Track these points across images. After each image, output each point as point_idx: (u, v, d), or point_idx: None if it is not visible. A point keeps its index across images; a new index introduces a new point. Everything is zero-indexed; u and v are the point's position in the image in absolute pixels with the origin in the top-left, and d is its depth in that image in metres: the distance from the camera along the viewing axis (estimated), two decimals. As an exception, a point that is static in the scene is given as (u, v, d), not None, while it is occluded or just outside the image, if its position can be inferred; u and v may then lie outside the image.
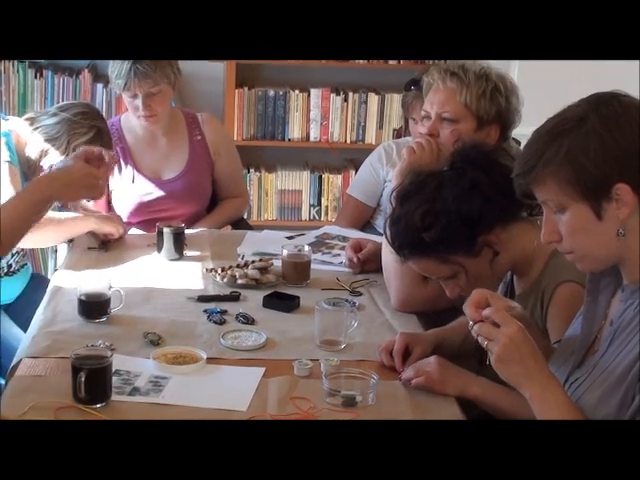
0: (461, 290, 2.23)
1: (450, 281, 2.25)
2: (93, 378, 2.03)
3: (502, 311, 1.74)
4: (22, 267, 3.22)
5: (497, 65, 2.75)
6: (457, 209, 2.14)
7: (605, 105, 1.69)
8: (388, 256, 2.64)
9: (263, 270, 2.79)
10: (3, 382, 2.78)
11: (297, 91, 4.61)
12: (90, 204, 3.36)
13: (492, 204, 2.08)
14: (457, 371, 2.15)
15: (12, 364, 2.31)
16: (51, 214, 2.83)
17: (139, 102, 3.30)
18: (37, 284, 3.21)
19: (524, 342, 1.72)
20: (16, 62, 4.37)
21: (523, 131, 2.43)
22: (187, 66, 3.56)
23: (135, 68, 3.24)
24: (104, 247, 3.04)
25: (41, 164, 3.00)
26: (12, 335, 2.96)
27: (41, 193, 2.54)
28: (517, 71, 4.30)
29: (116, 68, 3.29)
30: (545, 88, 3.76)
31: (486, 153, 2.25)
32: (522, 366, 1.71)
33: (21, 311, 3.05)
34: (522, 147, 1.84)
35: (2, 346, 2.84)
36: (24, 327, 2.93)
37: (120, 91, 3.33)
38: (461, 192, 2.14)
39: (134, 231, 3.29)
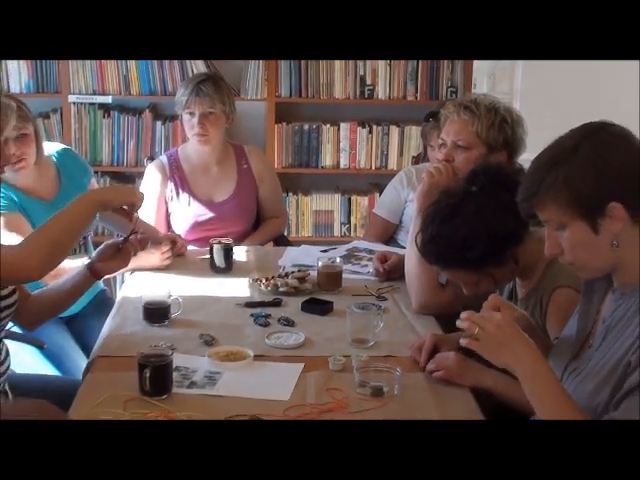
0: (478, 290, 2.23)
1: (472, 285, 2.24)
2: (156, 374, 2.04)
3: (488, 309, 1.79)
4: None
5: (504, 99, 2.75)
6: (495, 230, 2.13)
7: (595, 134, 1.69)
8: (410, 266, 2.64)
9: (301, 279, 2.80)
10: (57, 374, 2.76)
11: (328, 125, 4.62)
12: (151, 222, 3.38)
13: (521, 222, 2.06)
14: (473, 365, 2.14)
15: (88, 362, 2.33)
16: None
17: (195, 120, 3.31)
18: (102, 303, 3.09)
19: (509, 327, 1.73)
20: (87, 104, 4.41)
21: (528, 157, 2.43)
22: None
23: (198, 89, 3.29)
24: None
25: None
26: (71, 346, 2.92)
27: (90, 200, 2.22)
28: (519, 104, 4.30)
29: (182, 89, 3.35)
30: (544, 119, 3.73)
31: (510, 175, 2.21)
32: (510, 349, 1.71)
33: (80, 330, 2.97)
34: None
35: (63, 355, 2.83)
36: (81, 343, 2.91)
37: (182, 110, 3.34)
38: (498, 215, 2.12)
39: (190, 248, 3.31)
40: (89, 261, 2.35)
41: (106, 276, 2.45)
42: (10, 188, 2.87)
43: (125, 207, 2.29)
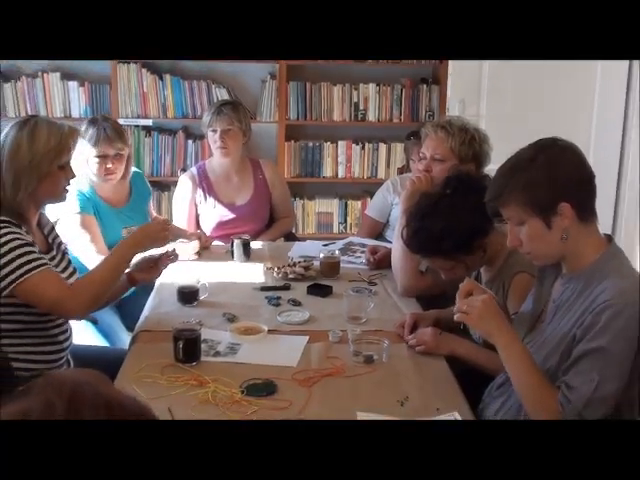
0: (454, 275, 2.22)
1: (448, 270, 2.23)
2: (188, 345, 2.05)
3: (463, 291, 1.78)
4: None
5: (472, 120, 2.75)
6: (465, 224, 2.12)
7: (548, 147, 1.69)
8: (396, 257, 2.64)
9: (307, 268, 2.79)
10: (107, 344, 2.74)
11: (329, 143, 4.61)
12: (184, 222, 3.38)
13: (487, 218, 2.05)
14: (448, 337, 2.14)
15: (132, 335, 2.33)
16: None
17: (217, 136, 3.30)
18: (147, 287, 2.89)
19: (495, 305, 1.73)
20: (133, 126, 4.40)
21: (493, 167, 2.41)
22: (252, 126, 3.56)
23: (219, 110, 3.29)
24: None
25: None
26: (119, 325, 2.89)
27: (129, 250, 2.23)
28: (485, 124, 4.29)
29: (207, 111, 3.37)
30: (506, 136, 3.73)
31: (477, 180, 2.21)
32: (494, 321, 1.71)
33: (128, 312, 2.89)
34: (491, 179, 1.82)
35: (111, 334, 2.81)
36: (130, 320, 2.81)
37: (207, 128, 3.33)
38: (468, 212, 2.11)
39: (215, 243, 3.30)
40: (128, 270, 2.34)
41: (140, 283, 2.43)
42: (93, 191, 2.97)
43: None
